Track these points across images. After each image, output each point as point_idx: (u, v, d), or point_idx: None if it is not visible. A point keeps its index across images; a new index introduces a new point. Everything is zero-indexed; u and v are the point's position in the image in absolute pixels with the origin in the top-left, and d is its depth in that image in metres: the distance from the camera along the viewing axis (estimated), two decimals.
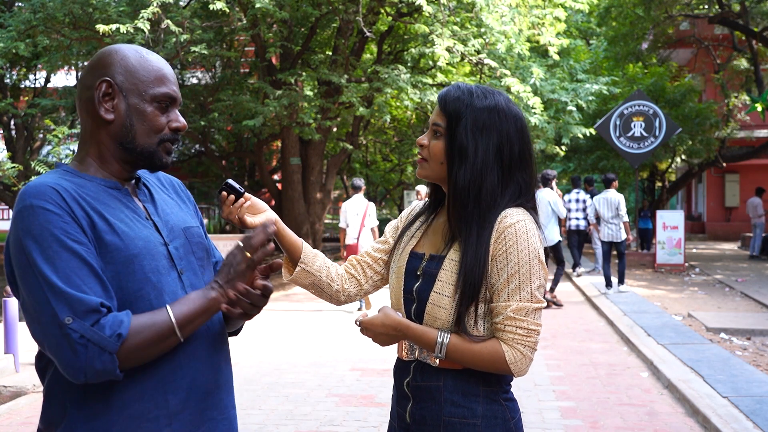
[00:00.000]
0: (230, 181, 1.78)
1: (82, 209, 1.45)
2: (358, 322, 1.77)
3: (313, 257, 1.89)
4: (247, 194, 1.80)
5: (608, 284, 10.99)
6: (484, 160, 1.71)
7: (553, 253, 10.35)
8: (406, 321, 1.73)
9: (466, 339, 1.68)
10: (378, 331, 1.74)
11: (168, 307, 1.48)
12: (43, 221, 1.40)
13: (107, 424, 1.45)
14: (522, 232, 1.67)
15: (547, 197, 10.00)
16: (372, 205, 9.91)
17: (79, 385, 1.42)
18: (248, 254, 1.54)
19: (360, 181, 10.04)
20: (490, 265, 1.68)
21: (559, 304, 10.08)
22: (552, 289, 10.13)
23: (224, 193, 1.77)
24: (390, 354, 6.91)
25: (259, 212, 1.83)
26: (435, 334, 1.69)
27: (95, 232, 1.45)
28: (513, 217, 1.68)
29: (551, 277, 10.44)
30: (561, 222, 10.66)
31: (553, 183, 10.40)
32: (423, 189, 10.83)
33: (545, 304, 1.71)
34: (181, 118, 1.61)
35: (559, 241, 10.24)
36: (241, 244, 1.55)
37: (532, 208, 1.75)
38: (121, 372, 1.41)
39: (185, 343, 1.53)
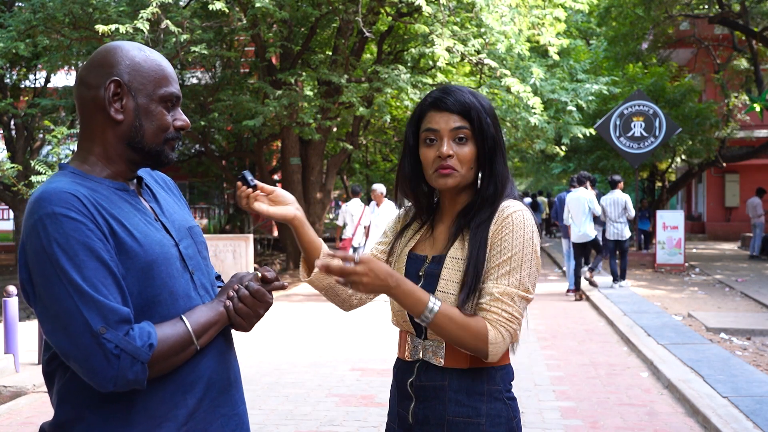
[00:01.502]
0: (245, 173, 1.78)
1: (102, 216, 1.44)
2: (357, 257, 1.59)
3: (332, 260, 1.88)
4: (269, 187, 1.78)
5: (615, 278, 11.61)
6: (504, 151, 1.81)
7: (593, 247, 11.24)
8: (400, 275, 1.66)
9: (454, 309, 1.66)
10: (374, 270, 1.58)
11: (183, 317, 1.50)
12: (68, 229, 1.38)
13: (127, 425, 1.46)
14: (519, 221, 1.71)
15: (585, 195, 10.92)
16: (368, 208, 11.62)
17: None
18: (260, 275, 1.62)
19: (359, 187, 12.30)
20: (487, 252, 1.71)
21: (594, 284, 11.31)
22: (592, 269, 11.36)
23: (239, 182, 1.79)
24: (390, 354, 6.90)
25: (283, 203, 1.79)
26: (427, 296, 1.64)
27: (115, 238, 1.45)
28: (511, 208, 1.73)
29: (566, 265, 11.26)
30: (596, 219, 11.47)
31: (587, 183, 11.29)
32: (379, 188, 11.24)
33: (533, 296, 1.72)
34: (185, 117, 1.62)
35: (596, 237, 11.12)
36: (259, 274, 1.61)
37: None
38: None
39: None
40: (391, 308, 1.86)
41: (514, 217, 1.71)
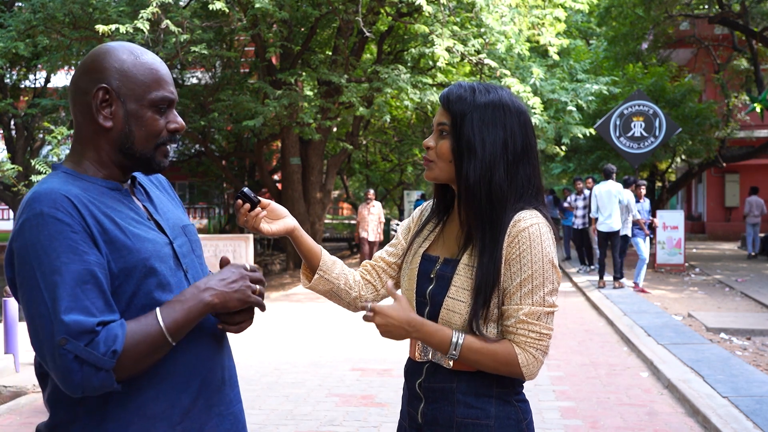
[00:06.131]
0: (246, 189, 1.77)
1: (93, 216, 1.43)
2: (369, 307, 1.70)
3: (332, 265, 1.88)
4: (265, 201, 1.79)
5: (602, 276, 11.64)
6: (492, 154, 1.70)
7: (610, 240, 11.36)
8: (421, 318, 1.71)
9: (480, 339, 1.67)
10: (390, 321, 1.68)
11: (158, 312, 1.44)
12: (53, 231, 1.37)
13: (123, 424, 1.45)
14: (536, 236, 1.66)
15: (614, 188, 11.28)
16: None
17: None
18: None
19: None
20: (503, 269, 1.67)
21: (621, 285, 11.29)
22: (616, 278, 11.35)
23: (239, 201, 1.77)
24: (390, 354, 6.91)
25: (279, 218, 1.83)
26: (450, 333, 1.68)
27: (106, 236, 1.43)
28: (526, 221, 1.68)
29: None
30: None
31: (614, 175, 11.65)
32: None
33: (558, 308, 1.71)
34: (179, 119, 1.59)
35: (619, 230, 11.26)
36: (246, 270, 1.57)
37: (542, 205, 1.75)
38: (119, 384, 1.40)
39: (195, 342, 1.53)
40: None
41: (530, 231, 1.66)
